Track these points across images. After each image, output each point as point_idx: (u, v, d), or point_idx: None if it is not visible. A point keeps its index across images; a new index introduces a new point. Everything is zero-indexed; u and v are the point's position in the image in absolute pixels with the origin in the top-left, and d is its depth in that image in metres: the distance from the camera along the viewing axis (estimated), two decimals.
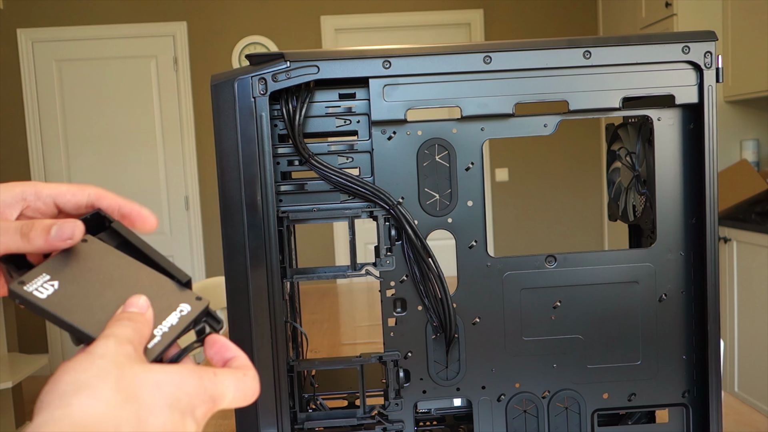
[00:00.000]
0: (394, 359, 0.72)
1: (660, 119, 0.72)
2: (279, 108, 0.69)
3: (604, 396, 0.74)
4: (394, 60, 0.68)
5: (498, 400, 0.73)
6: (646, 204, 0.76)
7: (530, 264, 0.72)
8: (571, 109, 0.70)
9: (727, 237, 2.76)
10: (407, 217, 0.70)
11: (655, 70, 0.70)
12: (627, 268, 0.73)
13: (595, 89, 0.70)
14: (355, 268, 0.72)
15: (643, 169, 0.77)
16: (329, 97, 0.70)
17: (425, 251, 0.70)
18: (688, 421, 0.74)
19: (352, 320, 1.74)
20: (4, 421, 2.71)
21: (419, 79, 0.69)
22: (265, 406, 0.70)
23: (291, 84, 0.67)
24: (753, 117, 3.20)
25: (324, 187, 0.70)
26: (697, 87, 0.70)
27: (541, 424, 0.74)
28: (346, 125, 0.71)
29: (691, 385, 0.74)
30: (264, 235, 0.68)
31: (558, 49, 0.68)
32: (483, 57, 0.68)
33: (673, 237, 0.73)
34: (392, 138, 0.70)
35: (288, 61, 0.66)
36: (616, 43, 0.68)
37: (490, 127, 0.71)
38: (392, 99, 0.69)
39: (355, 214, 0.71)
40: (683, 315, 0.73)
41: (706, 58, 0.69)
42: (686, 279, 0.73)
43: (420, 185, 0.71)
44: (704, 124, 0.70)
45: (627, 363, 0.74)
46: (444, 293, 0.70)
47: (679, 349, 0.74)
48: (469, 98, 0.69)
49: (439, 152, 0.71)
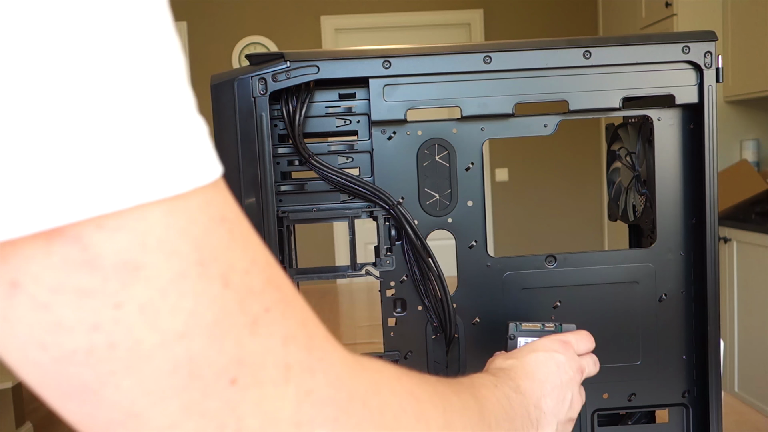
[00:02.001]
0: (394, 359, 0.72)
1: (660, 119, 0.72)
2: (279, 108, 0.69)
3: (604, 396, 0.74)
4: (394, 60, 0.68)
5: None
6: (646, 204, 0.76)
7: (530, 264, 0.72)
8: (571, 109, 0.70)
9: (727, 237, 2.76)
10: (407, 217, 0.70)
11: (655, 70, 0.70)
12: (627, 268, 0.73)
13: (595, 89, 0.70)
14: (355, 268, 0.72)
15: (643, 169, 0.77)
16: (329, 97, 0.70)
17: (425, 251, 0.70)
18: (688, 421, 0.74)
19: (352, 320, 1.74)
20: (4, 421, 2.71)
21: (419, 79, 0.69)
22: None
23: (291, 84, 0.67)
24: (753, 117, 3.20)
25: (324, 187, 0.70)
26: (697, 87, 0.70)
27: None
28: (346, 125, 0.71)
29: (691, 385, 0.74)
30: (264, 235, 0.68)
31: (558, 49, 0.68)
32: (483, 57, 0.68)
33: (673, 237, 0.73)
34: (392, 138, 0.71)
35: (288, 61, 0.66)
36: (616, 43, 0.68)
37: (490, 127, 0.71)
38: (392, 99, 0.69)
39: (355, 214, 0.71)
40: (683, 315, 0.73)
41: (706, 58, 0.69)
42: (686, 279, 0.73)
43: (420, 185, 0.71)
44: (704, 124, 0.70)
45: (627, 363, 0.74)
46: (444, 293, 0.70)
47: (679, 349, 0.74)
48: (469, 98, 0.69)
49: (439, 152, 0.71)
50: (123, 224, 0.21)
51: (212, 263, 0.24)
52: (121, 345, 0.22)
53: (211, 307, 0.23)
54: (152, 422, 0.23)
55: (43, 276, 0.21)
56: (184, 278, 0.23)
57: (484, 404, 0.42)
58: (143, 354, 0.22)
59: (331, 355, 0.28)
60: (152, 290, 0.22)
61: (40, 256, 0.21)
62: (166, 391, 0.23)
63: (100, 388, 0.23)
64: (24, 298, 0.21)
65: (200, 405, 0.23)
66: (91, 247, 0.21)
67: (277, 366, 0.25)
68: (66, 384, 0.23)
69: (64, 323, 0.22)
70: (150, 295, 0.22)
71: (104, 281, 0.21)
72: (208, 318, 0.23)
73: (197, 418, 0.24)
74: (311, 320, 0.28)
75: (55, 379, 0.23)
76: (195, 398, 0.23)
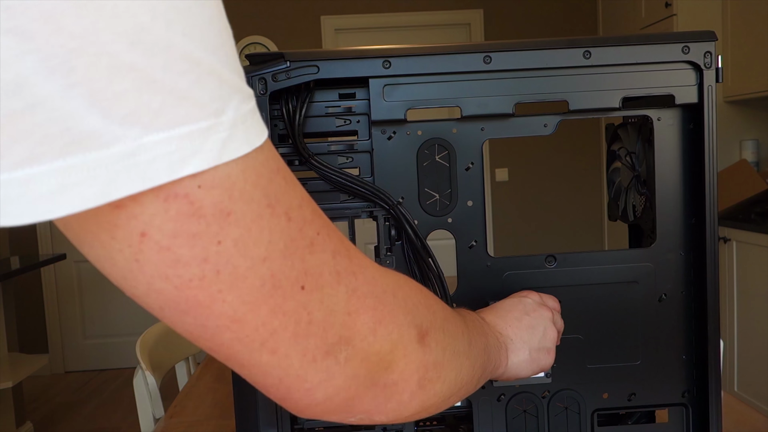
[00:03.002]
0: None
1: (660, 119, 0.72)
2: (279, 108, 0.69)
3: (604, 396, 0.74)
4: (394, 60, 0.68)
5: (498, 400, 0.73)
6: (646, 204, 0.76)
7: (530, 264, 0.72)
8: (571, 109, 0.70)
9: (726, 237, 2.76)
10: (407, 217, 0.70)
11: (655, 70, 0.70)
12: (627, 268, 0.73)
13: (595, 89, 0.70)
14: None
15: (643, 169, 0.77)
16: (329, 97, 0.70)
17: (425, 251, 0.70)
18: (687, 421, 0.74)
19: None
20: (4, 421, 2.71)
21: (419, 79, 0.69)
22: (264, 406, 0.70)
23: (291, 84, 0.67)
24: (753, 117, 3.21)
25: (324, 187, 0.70)
26: (696, 87, 0.70)
27: (541, 424, 0.74)
28: (346, 125, 0.71)
29: (690, 384, 0.74)
30: None
31: (558, 49, 0.68)
32: (483, 57, 0.68)
33: (673, 237, 0.73)
34: (392, 138, 0.71)
35: (288, 61, 0.66)
36: (616, 43, 0.68)
37: (490, 127, 0.71)
38: (392, 99, 0.69)
39: (355, 214, 0.71)
40: (683, 315, 0.73)
41: (705, 58, 0.69)
42: (686, 279, 0.73)
43: (420, 185, 0.71)
44: (704, 124, 0.70)
45: (627, 363, 0.74)
46: (444, 293, 0.70)
47: (678, 349, 0.74)
48: (469, 98, 0.69)
49: (439, 152, 0.71)
50: (216, 182, 0.28)
51: (277, 204, 0.31)
52: (224, 270, 0.30)
53: (282, 236, 0.32)
54: (250, 323, 0.32)
55: (165, 226, 0.28)
56: (261, 218, 0.31)
57: (465, 316, 0.54)
58: (240, 275, 0.30)
59: (364, 261, 0.38)
60: (241, 228, 0.30)
61: (162, 212, 0.28)
62: (258, 300, 0.31)
63: (211, 304, 0.30)
64: (151, 243, 0.28)
65: (282, 306, 0.32)
66: (197, 201, 0.28)
67: (330, 273, 0.34)
68: (184, 304, 0.30)
69: (182, 259, 0.29)
70: (240, 232, 0.30)
71: (207, 225, 0.29)
72: (281, 244, 0.32)
73: (281, 316, 0.32)
74: (345, 238, 0.37)
75: (175, 301, 0.30)
76: (278, 302, 0.32)
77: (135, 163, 0.26)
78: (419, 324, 0.41)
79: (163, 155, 0.27)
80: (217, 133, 0.28)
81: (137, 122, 0.26)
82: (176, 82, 0.27)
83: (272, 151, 0.32)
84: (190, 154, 0.27)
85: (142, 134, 0.26)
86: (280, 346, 0.33)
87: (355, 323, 0.36)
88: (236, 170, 0.29)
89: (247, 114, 0.30)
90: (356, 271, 0.36)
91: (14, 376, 2.57)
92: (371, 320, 0.37)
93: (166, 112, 0.27)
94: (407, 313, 0.40)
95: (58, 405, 3.46)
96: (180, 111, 0.27)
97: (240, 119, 0.29)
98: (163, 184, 0.27)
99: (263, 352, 0.33)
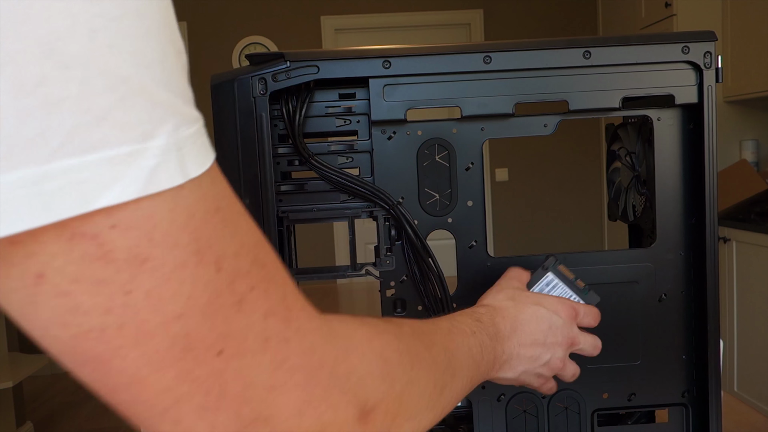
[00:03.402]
0: None
1: (660, 119, 0.72)
2: (279, 108, 0.69)
3: (604, 396, 0.74)
4: (394, 60, 0.68)
5: (498, 400, 0.73)
6: (646, 204, 0.76)
7: (530, 264, 0.72)
8: (571, 109, 0.70)
9: (726, 237, 2.76)
10: (407, 217, 0.70)
11: (655, 70, 0.70)
12: (627, 268, 0.73)
13: (595, 89, 0.70)
14: (355, 268, 0.72)
15: (643, 169, 0.77)
16: (329, 97, 0.70)
17: (425, 251, 0.70)
18: (687, 421, 0.74)
19: None
20: (4, 421, 2.71)
21: (419, 79, 0.69)
22: None
23: (291, 84, 0.67)
24: (752, 117, 3.21)
25: (324, 187, 0.70)
26: (696, 87, 0.70)
27: (541, 424, 0.74)
28: (346, 125, 0.71)
29: (690, 384, 0.74)
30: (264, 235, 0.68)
31: (558, 49, 0.68)
32: (483, 57, 0.68)
33: (673, 237, 0.73)
34: (392, 138, 0.71)
35: (288, 61, 0.66)
36: (615, 43, 0.68)
37: (490, 127, 0.71)
38: (392, 99, 0.69)
39: (355, 214, 0.71)
40: (683, 315, 0.73)
41: (705, 58, 0.69)
42: (686, 279, 0.73)
43: (420, 185, 0.71)
44: (704, 124, 0.70)
45: (627, 363, 0.74)
46: (444, 293, 0.70)
47: (678, 349, 0.74)
48: (469, 98, 0.69)
49: (439, 152, 0.71)
50: (134, 222, 0.25)
51: (208, 251, 0.27)
52: (129, 325, 0.26)
53: (206, 290, 0.27)
54: (152, 386, 0.27)
55: (65, 269, 0.24)
56: (184, 267, 0.26)
57: (454, 355, 0.48)
58: (147, 332, 0.26)
59: (305, 325, 0.32)
60: (157, 279, 0.26)
61: (64, 252, 0.24)
62: (165, 362, 0.27)
63: (110, 359, 0.27)
64: (48, 287, 0.25)
65: (192, 373, 0.28)
66: (107, 243, 0.24)
67: (257, 338, 0.29)
68: (81, 355, 0.27)
69: (82, 307, 0.25)
70: (155, 283, 0.26)
71: (117, 272, 0.25)
72: (203, 300, 0.27)
73: (189, 383, 0.28)
74: (291, 293, 0.32)
75: (72, 350, 0.27)
76: (188, 367, 0.28)
77: (38, 192, 0.23)
78: (363, 401, 0.35)
79: (72, 184, 0.23)
80: (143, 160, 0.24)
81: (45, 145, 0.23)
82: (94, 100, 0.23)
83: (216, 185, 0.28)
84: (108, 183, 0.24)
85: (48, 159, 0.23)
86: (185, 417, 0.28)
87: (277, 401, 0.30)
88: (163, 208, 0.25)
89: (185, 140, 0.26)
90: (290, 338, 0.31)
91: (14, 376, 2.57)
92: (298, 399, 0.31)
93: (80, 134, 0.23)
94: (346, 391, 0.34)
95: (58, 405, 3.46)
96: (96, 133, 0.23)
97: (174, 146, 0.25)
98: (69, 219, 0.23)
99: (164, 421, 0.28)
